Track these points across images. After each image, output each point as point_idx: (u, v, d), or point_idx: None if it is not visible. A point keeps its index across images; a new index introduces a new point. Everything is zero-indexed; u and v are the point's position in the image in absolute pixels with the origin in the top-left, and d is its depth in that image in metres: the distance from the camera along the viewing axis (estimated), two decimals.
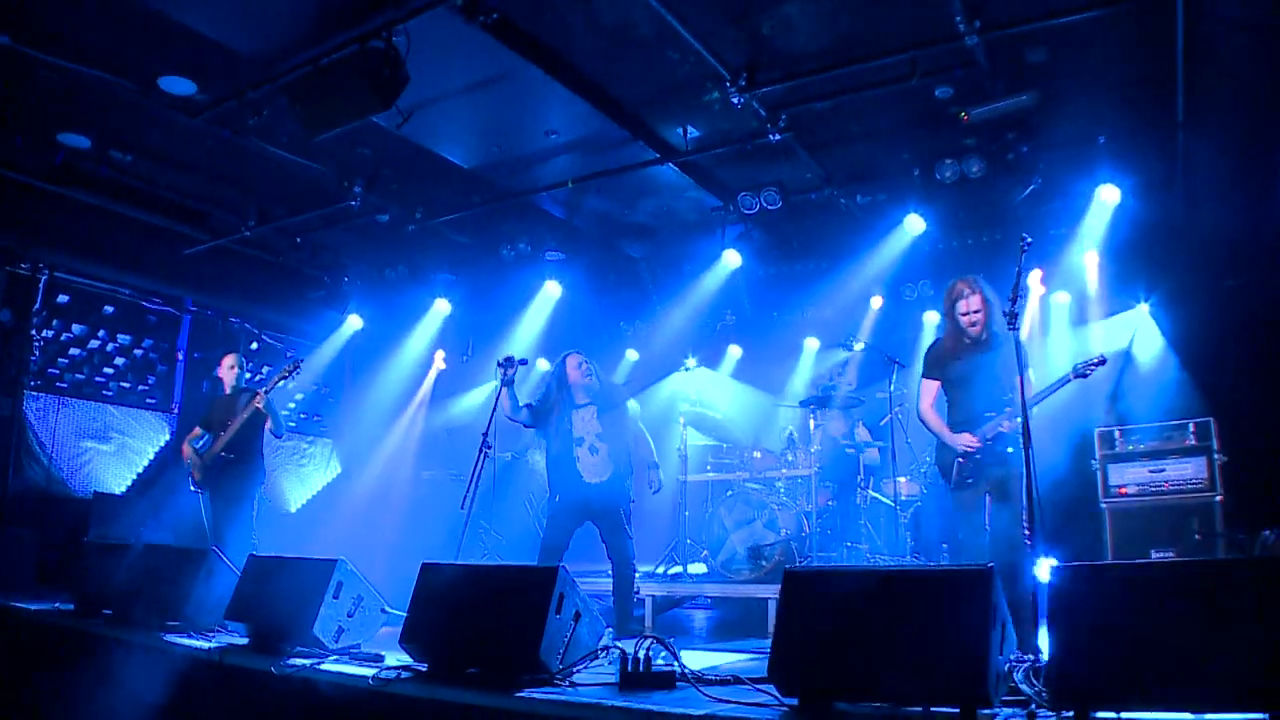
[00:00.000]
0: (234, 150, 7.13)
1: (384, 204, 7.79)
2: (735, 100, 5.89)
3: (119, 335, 9.82)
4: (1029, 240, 4.59)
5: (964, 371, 5.12)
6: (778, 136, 6.36)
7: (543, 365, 9.26)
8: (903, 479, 7.95)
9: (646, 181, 7.73)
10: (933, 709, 3.20)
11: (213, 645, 5.14)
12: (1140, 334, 7.80)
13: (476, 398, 10.98)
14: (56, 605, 6.69)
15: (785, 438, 8.23)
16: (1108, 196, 6.62)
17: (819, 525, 7.72)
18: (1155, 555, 6.65)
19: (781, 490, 7.95)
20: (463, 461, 10.27)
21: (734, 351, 10.62)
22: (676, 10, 5.20)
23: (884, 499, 7.92)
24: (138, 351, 10.03)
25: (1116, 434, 7.05)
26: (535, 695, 3.89)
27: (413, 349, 10.01)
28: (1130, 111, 6.53)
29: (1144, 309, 7.99)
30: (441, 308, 9.65)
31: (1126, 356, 7.70)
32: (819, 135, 6.95)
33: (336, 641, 4.94)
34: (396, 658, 4.77)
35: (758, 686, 4.05)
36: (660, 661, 4.21)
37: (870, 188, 7.63)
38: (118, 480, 9.69)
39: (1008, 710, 3.19)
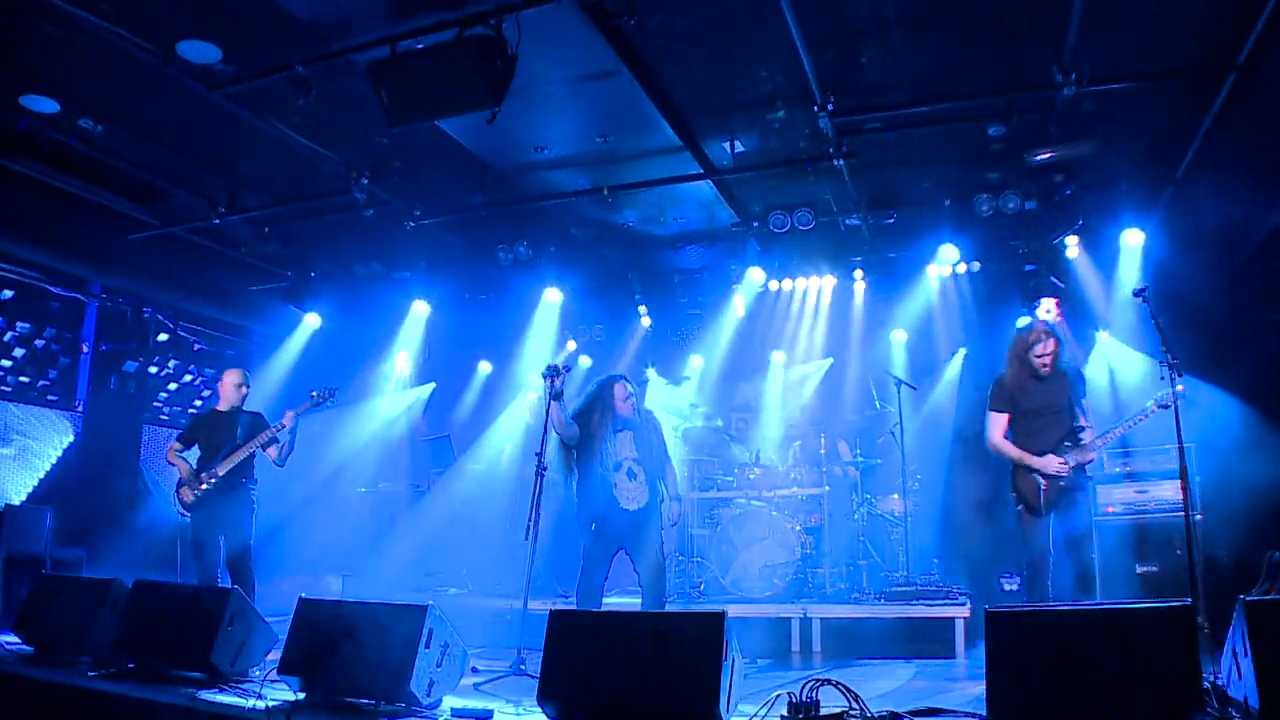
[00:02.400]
0: (226, 129, 6.31)
1: (389, 198, 7.14)
2: (822, 124, 5.84)
3: (18, 323, 8.54)
4: (1146, 286, 4.93)
5: (1035, 405, 5.44)
6: (840, 161, 6.37)
7: None
8: (895, 495, 8.19)
9: (668, 193, 7.54)
10: None
11: (269, 705, 4.53)
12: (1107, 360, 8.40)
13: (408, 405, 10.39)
14: (6, 646, 5.74)
15: (792, 454, 8.28)
16: (1133, 240, 7.08)
17: (821, 543, 7.82)
18: (1139, 569, 7.25)
19: (774, 507, 7.91)
20: (419, 474, 9.71)
21: (696, 362, 10.53)
22: (802, 31, 5.07)
23: (886, 515, 8.10)
24: (38, 342, 8.81)
25: (1104, 456, 7.55)
26: None
27: (377, 350, 9.27)
28: (1138, 162, 7.02)
29: (1104, 336, 8.60)
30: (420, 309, 8.98)
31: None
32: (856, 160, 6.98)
33: (428, 695, 4.50)
34: (500, 710, 4.44)
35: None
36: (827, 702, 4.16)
37: (881, 214, 7.76)
38: (17, 488, 8.44)
39: None
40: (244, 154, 6.74)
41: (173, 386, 10.19)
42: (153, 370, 9.88)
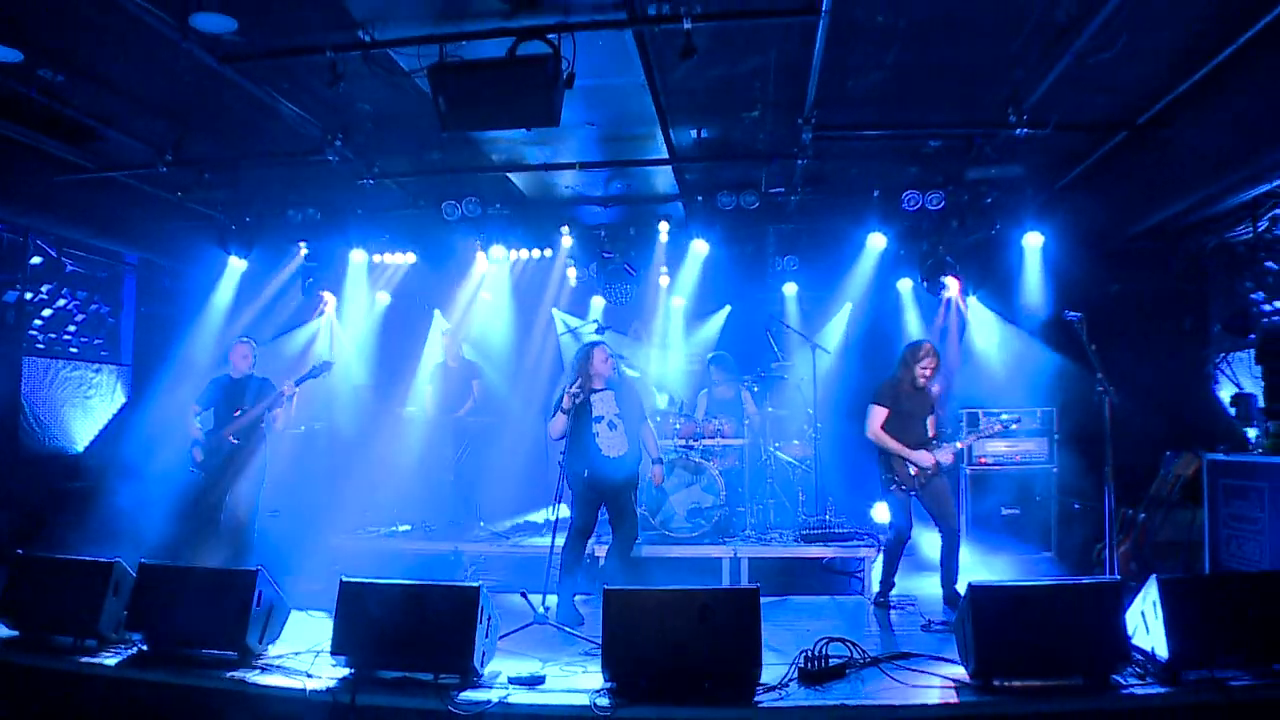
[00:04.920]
0: (201, 87, 5.94)
1: (354, 157, 6.98)
2: (804, 136, 6.42)
3: None
4: (1081, 315, 6.00)
5: (910, 408, 6.60)
6: (803, 161, 7.00)
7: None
8: (796, 442, 9.23)
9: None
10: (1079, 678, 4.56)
11: (329, 684, 4.80)
12: (977, 322, 9.78)
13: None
14: None
15: (703, 400, 9.09)
16: (1034, 241, 8.28)
17: (740, 487, 8.72)
18: (1005, 512, 8.75)
19: (699, 453, 8.67)
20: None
21: (597, 302, 10.95)
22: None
23: (789, 460, 9.13)
24: None
25: (980, 414, 8.83)
26: (776, 705, 4.56)
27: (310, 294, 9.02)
28: (1034, 173, 8.13)
29: (973, 300, 9.94)
30: (357, 257, 8.80)
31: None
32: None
33: (483, 665, 4.97)
34: (550, 675, 4.97)
35: (901, 664, 5.10)
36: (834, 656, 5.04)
37: (809, 194, 8.50)
38: None
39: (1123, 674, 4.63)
40: (210, 108, 6.37)
41: (47, 313, 9.47)
42: (28, 296, 9.12)
